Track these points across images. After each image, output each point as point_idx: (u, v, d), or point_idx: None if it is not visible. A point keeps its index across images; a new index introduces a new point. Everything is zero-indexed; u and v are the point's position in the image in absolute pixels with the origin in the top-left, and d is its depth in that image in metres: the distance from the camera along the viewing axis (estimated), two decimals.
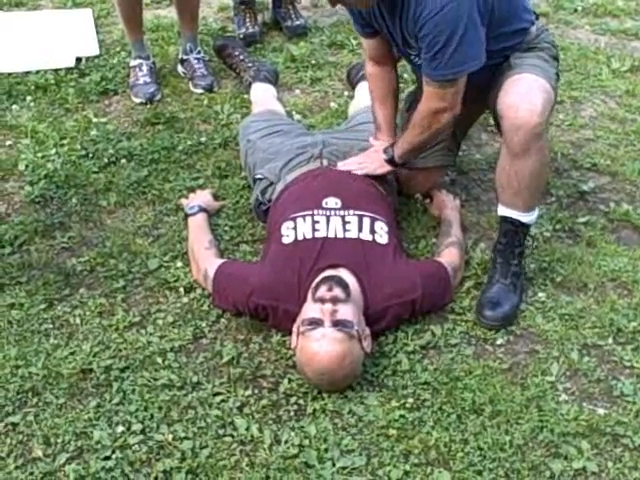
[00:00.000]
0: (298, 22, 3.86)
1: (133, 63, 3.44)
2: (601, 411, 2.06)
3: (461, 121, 2.53)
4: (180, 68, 3.55)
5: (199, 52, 3.50)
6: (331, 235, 2.30)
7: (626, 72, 3.67)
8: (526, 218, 2.35)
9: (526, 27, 2.43)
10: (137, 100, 3.35)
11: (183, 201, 2.74)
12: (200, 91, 3.42)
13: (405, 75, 3.27)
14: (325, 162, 2.60)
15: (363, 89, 3.27)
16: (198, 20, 3.54)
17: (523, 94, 2.22)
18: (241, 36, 3.76)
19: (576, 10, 4.26)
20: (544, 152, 2.28)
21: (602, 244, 2.62)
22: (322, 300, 2.07)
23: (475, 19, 2.19)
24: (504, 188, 2.34)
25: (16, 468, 1.88)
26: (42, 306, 2.33)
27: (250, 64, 3.45)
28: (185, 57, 3.50)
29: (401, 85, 2.81)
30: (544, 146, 2.28)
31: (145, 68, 3.40)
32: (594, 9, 4.27)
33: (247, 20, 3.82)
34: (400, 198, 2.75)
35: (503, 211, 2.37)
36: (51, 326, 2.27)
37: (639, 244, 2.65)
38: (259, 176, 2.66)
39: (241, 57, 3.50)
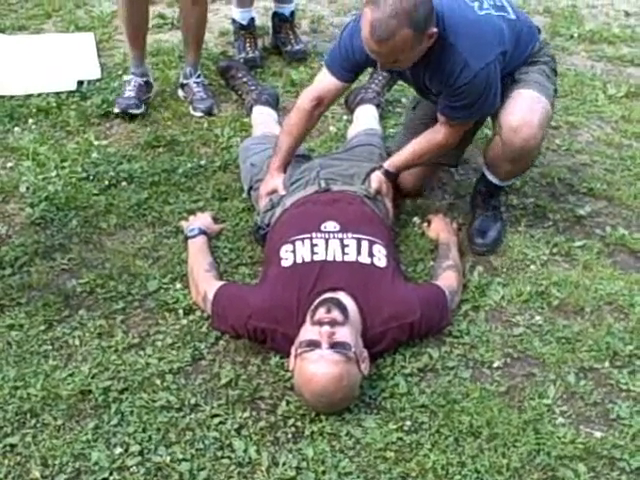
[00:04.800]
0: (298, 47, 3.89)
1: (125, 78, 3.49)
2: (598, 434, 2.07)
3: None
4: (180, 92, 3.58)
5: (199, 76, 3.53)
6: (330, 258, 2.31)
7: (622, 98, 3.71)
8: (503, 183, 2.69)
9: (533, 47, 2.56)
10: (115, 111, 3.38)
11: (183, 223, 2.75)
12: (200, 114, 3.45)
13: None
14: (323, 183, 2.61)
15: (362, 113, 3.32)
16: (202, 47, 3.57)
17: (523, 113, 2.44)
18: (241, 61, 3.79)
19: (572, 37, 4.31)
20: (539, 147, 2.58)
21: (598, 268, 2.63)
22: (320, 323, 2.08)
23: (497, 76, 2.37)
24: (491, 163, 2.64)
25: None
26: (41, 327, 2.33)
27: (253, 87, 3.48)
28: (185, 81, 3.53)
29: None
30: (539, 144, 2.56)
31: (133, 83, 3.43)
32: (590, 36, 4.32)
33: (247, 45, 3.86)
34: (398, 222, 2.78)
35: (486, 173, 2.68)
36: (50, 347, 2.27)
37: (635, 268, 2.67)
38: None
39: (244, 79, 3.53)
